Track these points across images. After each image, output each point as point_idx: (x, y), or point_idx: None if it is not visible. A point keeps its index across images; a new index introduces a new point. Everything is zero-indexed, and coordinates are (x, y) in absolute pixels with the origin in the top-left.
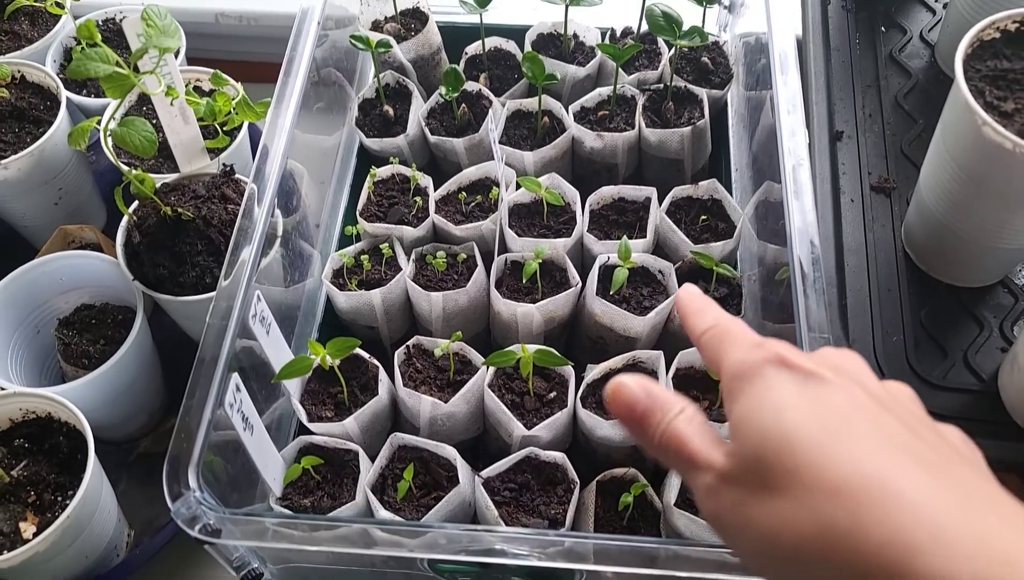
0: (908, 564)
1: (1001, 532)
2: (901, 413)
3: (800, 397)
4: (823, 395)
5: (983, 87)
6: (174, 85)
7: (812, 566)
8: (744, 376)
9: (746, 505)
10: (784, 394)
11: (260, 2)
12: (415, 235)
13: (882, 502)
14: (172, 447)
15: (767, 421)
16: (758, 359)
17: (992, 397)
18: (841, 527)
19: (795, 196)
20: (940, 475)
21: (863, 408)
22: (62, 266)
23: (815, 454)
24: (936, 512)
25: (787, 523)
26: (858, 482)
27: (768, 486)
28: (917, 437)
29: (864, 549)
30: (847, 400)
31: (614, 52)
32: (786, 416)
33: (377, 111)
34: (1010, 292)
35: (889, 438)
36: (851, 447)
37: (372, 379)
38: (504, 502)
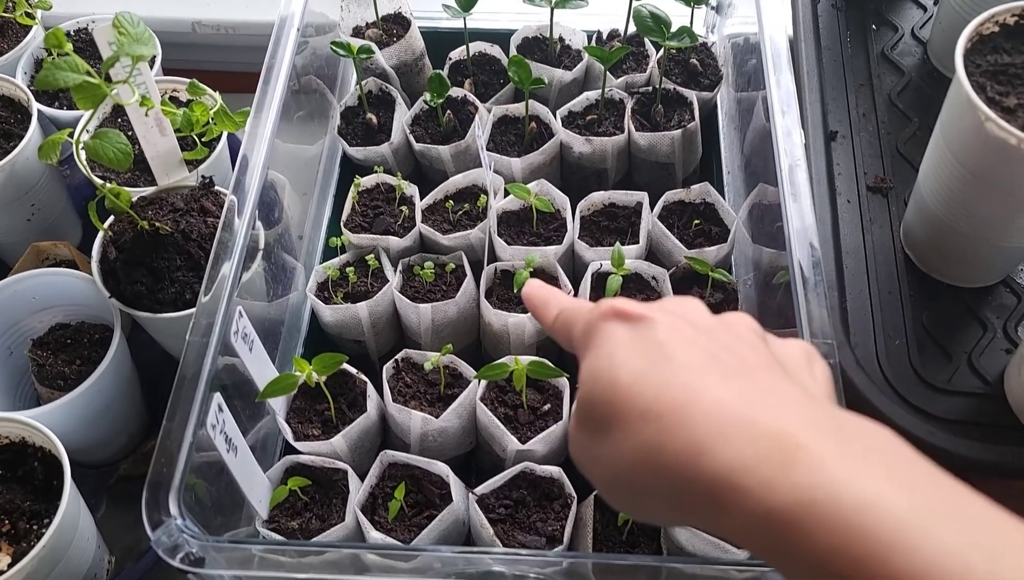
0: (698, 462)
1: (777, 416)
2: (723, 337)
3: (629, 339)
4: (648, 334)
5: (984, 82)
6: (149, 95)
7: (646, 490)
8: (587, 336)
9: (590, 445)
10: (616, 340)
11: (238, 11)
12: (402, 245)
13: (680, 412)
14: (152, 472)
15: (600, 366)
16: (596, 317)
17: (999, 400)
18: (651, 444)
19: (793, 198)
20: (739, 380)
21: (682, 338)
22: (36, 284)
23: (634, 386)
24: (724, 412)
25: (618, 454)
26: (664, 400)
27: (602, 424)
28: (730, 352)
29: (669, 460)
30: (668, 333)
31: (602, 55)
32: (614, 359)
33: (360, 119)
34: (1012, 292)
35: (700, 358)
36: (662, 372)
37: (360, 395)
38: (499, 519)
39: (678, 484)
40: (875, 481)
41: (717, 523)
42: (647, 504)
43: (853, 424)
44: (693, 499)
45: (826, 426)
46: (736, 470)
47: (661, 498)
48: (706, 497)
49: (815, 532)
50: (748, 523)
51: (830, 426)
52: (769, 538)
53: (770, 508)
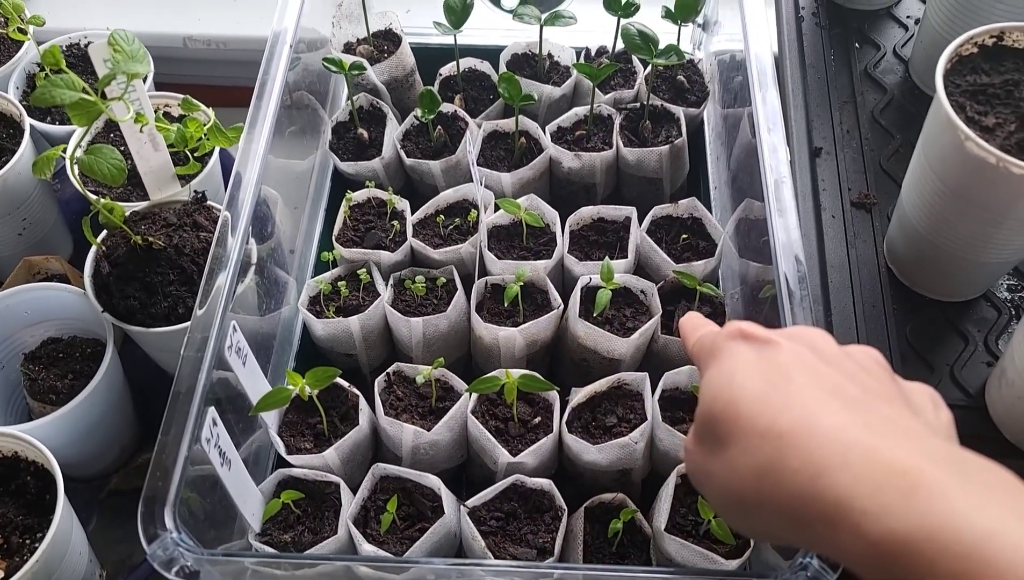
0: (816, 484)
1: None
2: (847, 366)
3: (752, 361)
4: (772, 357)
5: (964, 102)
6: (143, 111)
7: (761, 508)
8: (712, 353)
9: (706, 460)
10: (739, 360)
11: (229, 26)
12: (393, 260)
13: (801, 434)
14: (147, 486)
15: (722, 384)
16: (723, 336)
17: (980, 412)
18: (770, 463)
19: (779, 214)
20: (860, 410)
21: (805, 364)
22: (28, 299)
23: (754, 405)
24: (845, 437)
25: (733, 470)
26: (785, 422)
27: (720, 440)
28: (853, 382)
29: (786, 480)
30: (792, 359)
31: (591, 72)
32: (736, 378)
33: (351, 134)
34: (993, 306)
35: (822, 385)
36: (784, 396)
37: (352, 408)
38: (491, 532)
39: (795, 503)
40: (996, 513)
41: (833, 545)
42: (761, 521)
43: (975, 461)
44: (809, 520)
45: (947, 460)
46: (856, 494)
47: (776, 516)
48: (822, 518)
49: (936, 560)
50: (866, 547)
51: (951, 460)
52: (887, 563)
53: (890, 532)
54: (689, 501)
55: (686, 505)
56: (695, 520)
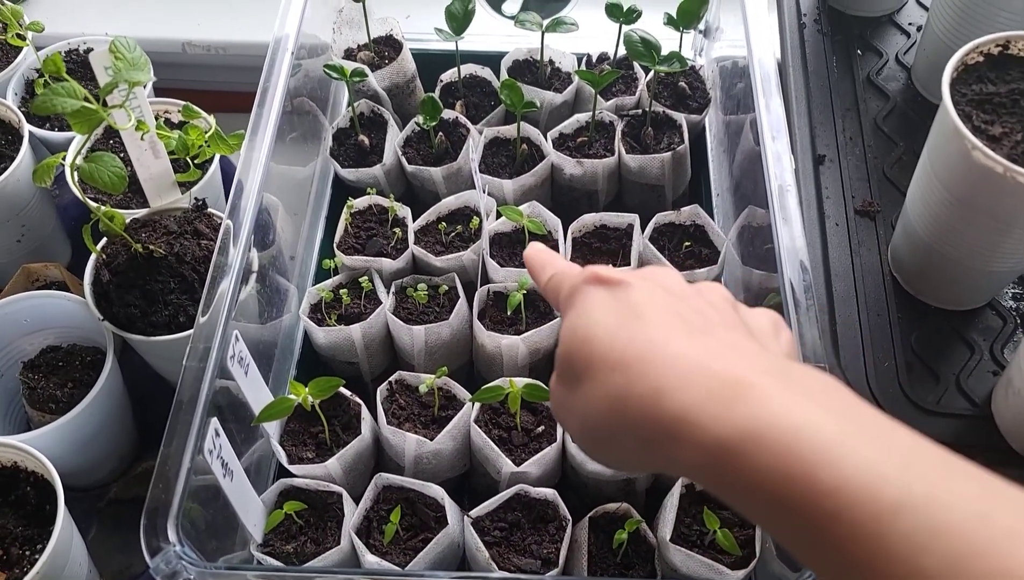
0: (658, 405)
1: (732, 364)
2: (695, 301)
3: (606, 301)
4: (624, 296)
5: (970, 111)
6: (144, 119)
7: (613, 436)
8: (570, 298)
9: (566, 397)
10: (594, 301)
11: (228, 31)
12: (395, 267)
13: (647, 362)
14: (150, 498)
15: (578, 325)
16: (579, 281)
17: (987, 421)
18: (619, 391)
19: (783, 222)
20: (702, 336)
21: (655, 300)
22: (26, 307)
23: (606, 341)
24: (684, 361)
25: (589, 402)
26: (632, 353)
27: (577, 377)
28: (698, 314)
29: (633, 405)
30: (643, 297)
31: (593, 78)
32: (591, 318)
33: (352, 141)
34: (998, 314)
35: (669, 318)
36: (633, 330)
37: (354, 418)
38: (495, 542)
39: (641, 426)
40: (810, 411)
41: (674, 460)
42: (615, 448)
43: (799, 370)
44: (654, 439)
45: (773, 370)
46: (691, 408)
47: (627, 441)
48: (665, 435)
49: (755, 456)
50: (699, 456)
51: (777, 371)
52: (717, 468)
53: (717, 438)
54: (694, 511)
55: (691, 515)
56: (700, 530)
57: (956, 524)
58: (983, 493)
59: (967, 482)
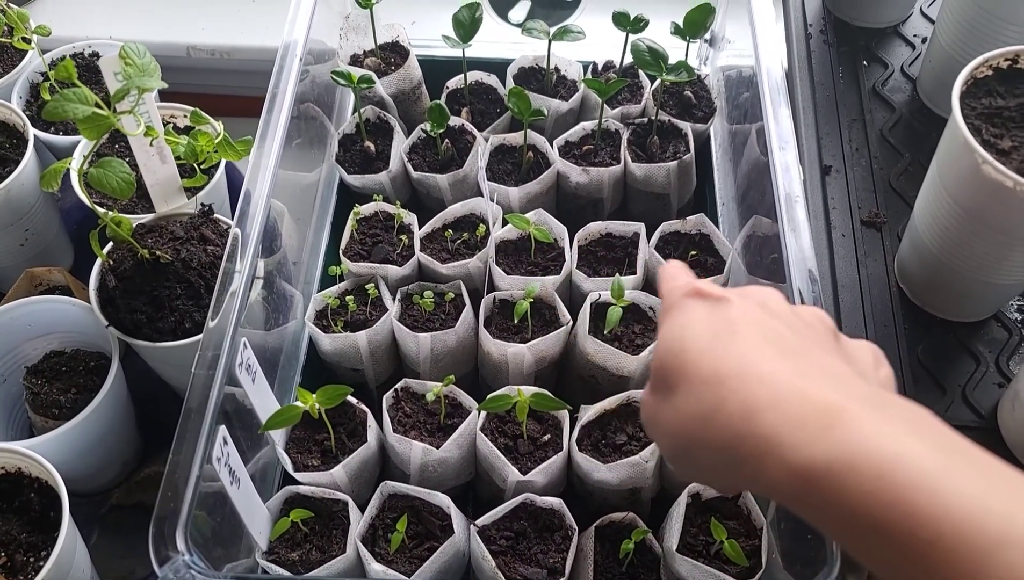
0: (750, 424)
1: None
2: (793, 322)
3: (703, 316)
4: (721, 313)
5: (979, 125)
6: (152, 124)
7: (701, 449)
8: (669, 309)
9: (657, 407)
10: (691, 315)
11: (233, 36)
12: (400, 274)
13: (739, 380)
14: (159, 506)
15: (674, 337)
16: (680, 294)
17: (993, 434)
18: (710, 406)
19: (792, 232)
20: (795, 358)
21: (751, 318)
22: (30, 311)
23: (700, 355)
24: (777, 381)
25: (678, 414)
26: (725, 369)
27: (669, 388)
28: (795, 335)
29: (723, 421)
30: (740, 314)
31: (600, 87)
32: (687, 331)
33: (358, 147)
34: (1004, 326)
35: (764, 337)
36: (728, 346)
37: (360, 425)
38: (501, 551)
39: (731, 443)
40: (907, 440)
41: (761, 479)
42: (702, 462)
43: (895, 401)
44: (742, 456)
45: (868, 399)
46: (782, 430)
47: (715, 456)
48: (754, 455)
49: (849, 481)
50: (788, 478)
51: (872, 399)
52: (807, 491)
53: (809, 461)
54: (700, 521)
55: (697, 525)
56: (706, 540)
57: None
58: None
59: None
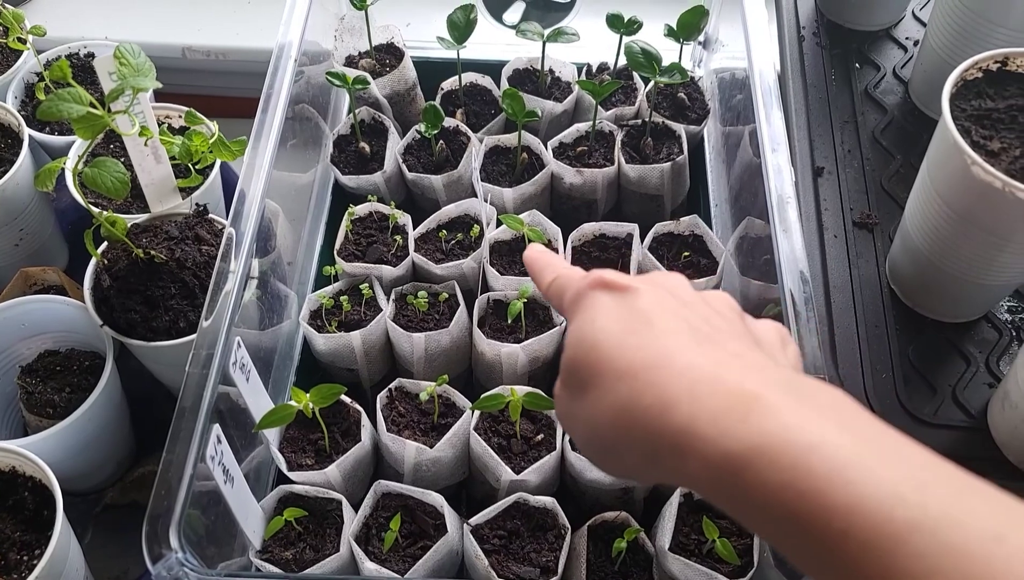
0: (666, 417)
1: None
2: (702, 310)
3: (613, 308)
4: (632, 303)
5: (969, 126)
6: (147, 124)
7: (619, 445)
8: (575, 303)
9: (571, 404)
10: (600, 308)
11: (228, 37)
12: (395, 274)
13: (654, 372)
14: (152, 505)
15: (584, 330)
16: (584, 286)
17: (983, 433)
18: (625, 401)
19: (784, 233)
20: (711, 346)
21: (664, 308)
22: (25, 311)
23: (613, 349)
24: (693, 373)
25: (595, 411)
26: (639, 362)
27: (583, 384)
28: (707, 323)
29: (639, 415)
30: (652, 303)
31: (594, 89)
32: (597, 324)
33: (352, 148)
34: (994, 327)
35: (678, 327)
36: (641, 338)
37: (354, 425)
38: (494, 550)
39: (648, 437)
40: (822, 427)
41: (680, 472)
42: (620, 457)
43: (810, 384)
44: (660, 450)
45: (783, 384)
46: (699, 421)
47: (633, 451)
48: (671, 448)
49: (765, 471)
50: (707, 469)
51: (787, 385)
52: (725, 482)
53: (726, 452)
54: (693, 520)
55: (689, 524)
56: (698, 539)
57: (971, 545)
58: (999, 513)
59: (983, 502)
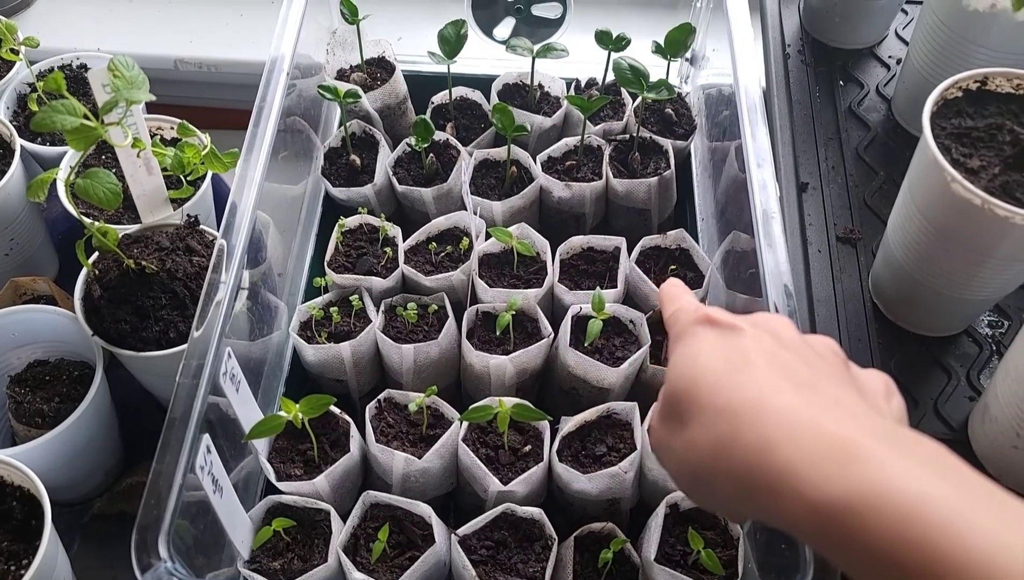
0: (766, 457)
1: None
2: (805, 353)
3: (715, 345)
4: (734, 342)
5: (949, 144)
6: (140, 136)
7: (715, 480)
8: (680, 336)
9: (669, 436)
10: (703, 344)
11: (220, 49)
12: (384, 286)
13: (754, 412)
14: (142, 514)
15: (686, 365)
16: (691, 321)
17: (964, 446)
18: (724, 438)
19: (768, 248)
20: (809, 390)
21: (764, 349)
22: (14, 321)
23: (713, 386)
24: (793, 414)
25: (692, 446)
26: (739, 401)
27: (682, 418)
28: (808, 367)
29: (738, 454)
30: (753, 344)
31: (582, 104)
32: (699, 360)
33: (343, 160)
34: (975, 341)
35: (778, 368)
36: (742, 377)
37: (343, 435)
38: (481, 561)
39: (746, 475)
40: (924, 480)
41: (778, 513)
42: (716, 493)
43: (910, 435)
44: (757, 490)
45: (884, 434)
46: (799, 465)
47: (729, 487)
48: (769, 489)
49: (871, 520)
50: (807, 514)
51: (888, 435)
52: (825, 527)
53: (828, 498)
54: (678, 531)
55: (675, 535)
56: (684, 551)
57: None
58: None
59: None
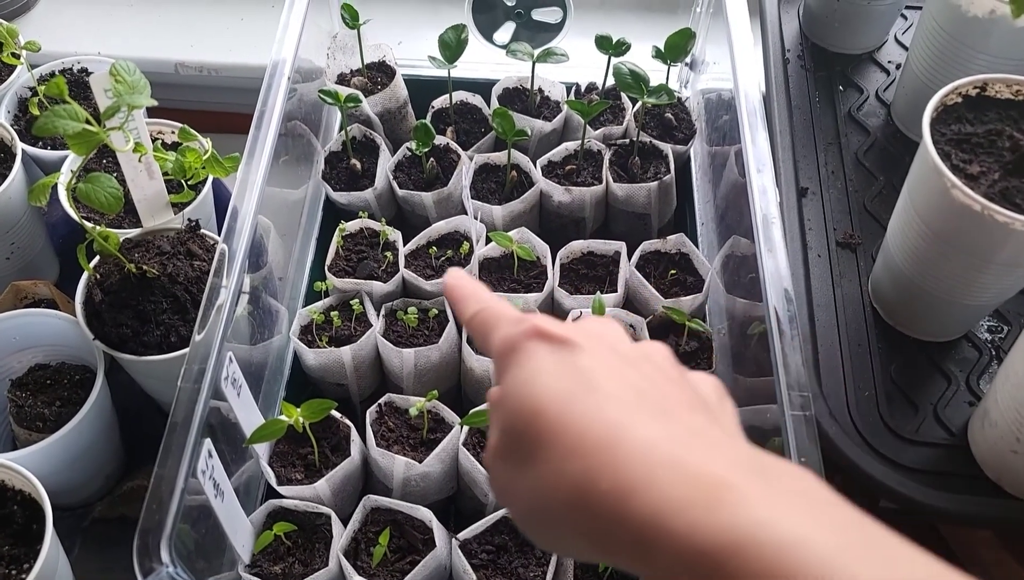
0: (626, 505)
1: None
2: (647, 369)
3: (551, 365)
4: (572, 360)
5: (949, 150)
6: (141, 141)
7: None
8: (506, 352)
9: (511, 480)
10: (537, 364)
11: (221, 53)
12: (385, 290)
13: (608, 451)
14: (143, 519)
15: (522, 392)
16: (518, 334)
17: (963, 451)
18: (577, 482)
19: (768, 252)
20: (664, 419)
21: (607, 367)
22: (15, 325)
23: (558, 418)
24: (653, 454)
25: (542, 489)
26: (590, 437)
27: (524, 458)
28: (655, 388)
29: (595, 499)
30: (593, 362)
31: (583, 109)
32: (536, 385)
33: (344, 164)
34: (974, 346)
35: (626, 394)
36: (588, 405)
37: (344, 439)
38: (482, 565)
39: (604, 524)
40: (797, 521)
41: (644, 564)
42: (568, 540)
43: (776, 466)
44: (619, 539)
45: (749, 468)
46: (664, 512)
47: (584, 536)
48: (633, 539)
49: (741, 573)
50: (676, 565)
51: (753, 468)
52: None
53: (697, 550)
54: None
55: None
56: None
57: None
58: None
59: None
